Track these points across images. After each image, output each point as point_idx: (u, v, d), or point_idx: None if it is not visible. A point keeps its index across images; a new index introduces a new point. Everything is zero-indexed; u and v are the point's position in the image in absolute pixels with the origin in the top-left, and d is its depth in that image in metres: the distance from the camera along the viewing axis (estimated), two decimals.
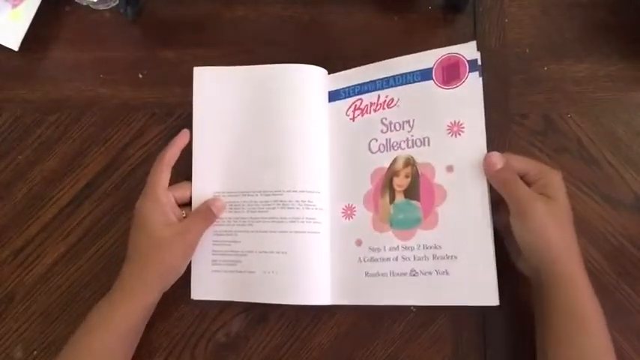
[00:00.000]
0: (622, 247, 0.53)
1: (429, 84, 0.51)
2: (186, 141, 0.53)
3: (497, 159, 0.47)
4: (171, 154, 0.52)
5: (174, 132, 0.57)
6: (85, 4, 0.60)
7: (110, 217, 0.56)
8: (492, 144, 0.55)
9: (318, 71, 0.55)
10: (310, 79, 0.55)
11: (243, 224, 0.53)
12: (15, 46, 0.59)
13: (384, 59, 0.53)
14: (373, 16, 0.60)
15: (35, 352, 0.53)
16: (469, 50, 0.50)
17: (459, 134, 0.50)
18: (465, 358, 0.52)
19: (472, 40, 0.50)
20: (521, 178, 0.48)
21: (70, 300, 0.54)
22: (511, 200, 0.46)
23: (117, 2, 0.60)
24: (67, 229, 0.56)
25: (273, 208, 0.52)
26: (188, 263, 0.51)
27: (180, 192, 0.53)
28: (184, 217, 0.52)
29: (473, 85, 0.50)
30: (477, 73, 0.50)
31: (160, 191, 0.50)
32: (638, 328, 0.51)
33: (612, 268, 0.52)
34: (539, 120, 0.56)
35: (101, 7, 0.61)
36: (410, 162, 0.51)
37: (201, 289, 0.53)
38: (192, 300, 0.53)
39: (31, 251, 0.56)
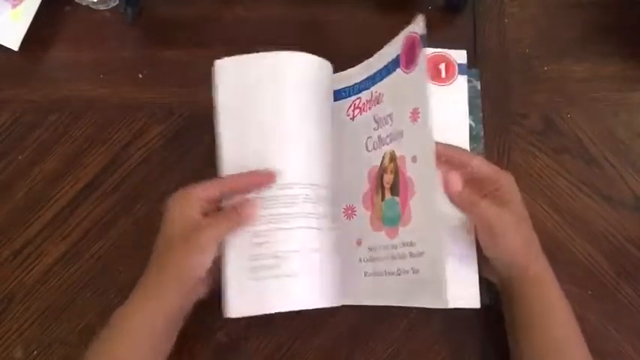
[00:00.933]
0: (622, 247, 0.53)
1: (399, 71, 0.49)
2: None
3: (456, 180, 0.45)
4: (235, 186, 0.48)
5: (175, 132, 0.57)
6: (85, 4, 0.60)
7: (110, 217, 0.56)
8: (492, 144, 0.55)
9: (329, 66, 0.54)
10: (326, 72, 0.54)
11: (278, 221, 0.48)
12: (15, 46, 0.59)
13: None
14: (373, 16, 0.60)
15: (35, 352, 0.53)
16: (419, 25, 0.47)
17: (417, 121, 0.47)
18: (465, 358, 0.52)
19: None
20: (476, 181, 0.47)
21: (70, 300, 0.54)
22: (478, 220, 0.46)
23: (117, 2, 0.60)
24: (67, 229, 0.56)
25: (299, 203, 0.48)
26: (207, 265, 0.45)
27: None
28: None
29: (422, 63, 0.46)
30: (424, 50, 0.46)
31: (196, 192, 0.46)
32: (638, 328, 0.51)
33: (612, 268, 0.52)
34: (539, 120, 0.56)
35: (101, 7, 0.61)
36: (393, 157, 0.50)
37: (239, 304, 0.47)
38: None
39: (31, 251, 0.56)
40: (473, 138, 0.55)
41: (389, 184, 0.50)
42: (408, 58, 0.48)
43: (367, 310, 0.52)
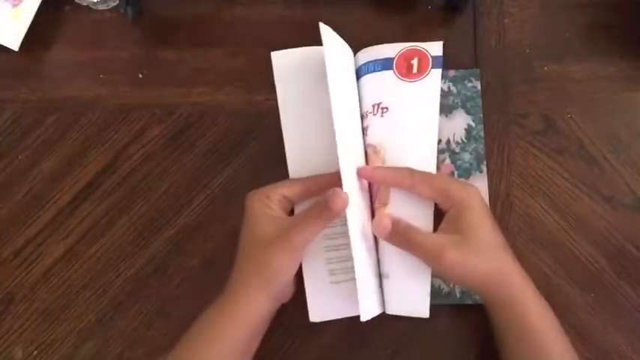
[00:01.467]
0: (622, 247, 0.53)
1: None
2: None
3: (386, 222, 0.44)
4: (313, 190, 0.46)
5: (175, 132, 0.57)
6: (85, 4, 0.60)
7: (110, 217, 0.56)
8: (492, 144, 0.55)
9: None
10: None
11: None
12: (15, 46, 0.59)
13: None
14: (373, 16, 0.60)
15: (35, 352, 0.53)
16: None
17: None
18: (465, 358, 0.52)
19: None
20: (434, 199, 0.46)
21: (70, 300, 0.54)
22: (418, 255, 0.44)
23: (117, 2, 0.60)
24: (67, 229, 0.56)
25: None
26: (297, 267, 0.45)
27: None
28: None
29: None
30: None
31: (272, 190, 0.45)
32: (638, 328, 0.51)
33: (612, 268, 0.52)
34: (539, 120, 0.56)
35: (101, 7, 0.61)
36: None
37: (321, 308, 0.47)
38: (189, 299, 0.53)
39: (31, 251, 0.56)
40: (473, 138, 0.55)
41: None
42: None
43: None
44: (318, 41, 0.59)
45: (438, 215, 0.47)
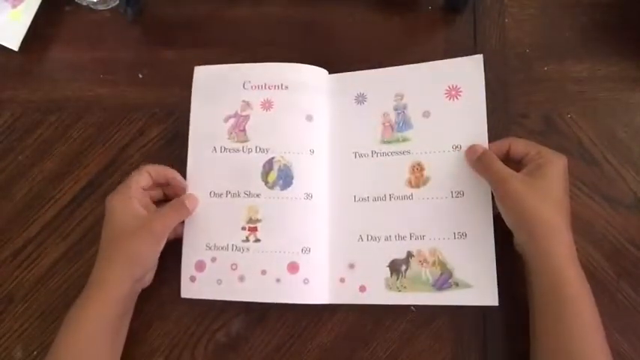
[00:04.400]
0: (622, 247, 0.53)
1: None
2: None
3: (478, 148, 0.50)
4: (162, 171, 0.52)
5: (175, 132, 0.57)
6: (85, 4, 0.60)
7: None
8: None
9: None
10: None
11: None
12: (15, 46, 0.59)
13: (384, 59, 0.54)
14: (373, 17, 0.60)
15: (35, 352, 0.53)
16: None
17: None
18: (465, 358, 0.52)
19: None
20: (520, 159, 0.49)
21: (71, 300, 0.54)
22: (488, 178, 0.49)
23: (117, 2, 0.60)
24: (67, 229, 0.56)
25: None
26: (158, 254, 0.50)
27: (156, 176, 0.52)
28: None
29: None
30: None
31: (133, 187, 0.50)
32: (638, 328, 0.51)
33: (612, 268, 0.52)
34: (539, 120, 0.56)
35: (101, 7, 0.61)
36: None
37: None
38: (192, 299, 0.53)
39: (31, 251, 0.56)
40: None
41: None
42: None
43: (367, 310, 0.52)
44: (317, 41, 0.60)
45: None
